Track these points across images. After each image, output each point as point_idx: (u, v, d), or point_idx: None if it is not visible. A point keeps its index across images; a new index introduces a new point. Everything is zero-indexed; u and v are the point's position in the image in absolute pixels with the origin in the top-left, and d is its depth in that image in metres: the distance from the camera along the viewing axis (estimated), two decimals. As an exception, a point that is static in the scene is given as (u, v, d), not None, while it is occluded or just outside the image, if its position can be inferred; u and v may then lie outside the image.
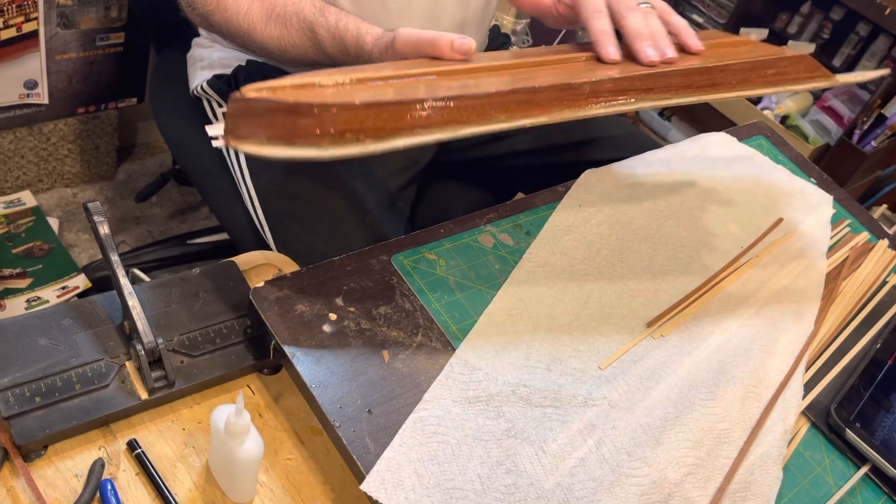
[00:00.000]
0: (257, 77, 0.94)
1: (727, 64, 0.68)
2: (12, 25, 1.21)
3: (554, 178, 0.87)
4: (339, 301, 0.65)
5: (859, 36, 2.15)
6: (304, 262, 0.70)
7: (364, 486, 0.54)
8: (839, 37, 2.19)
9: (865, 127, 2.05)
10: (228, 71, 0.96)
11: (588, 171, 0.86)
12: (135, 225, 1.61)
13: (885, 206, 2.18)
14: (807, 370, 0.75)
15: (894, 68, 1.94)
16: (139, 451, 0.56)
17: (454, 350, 0.64)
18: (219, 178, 0.96)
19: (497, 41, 1.11)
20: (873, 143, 2.04)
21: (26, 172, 1.52)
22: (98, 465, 0.54)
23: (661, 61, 0.67)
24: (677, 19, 0.73)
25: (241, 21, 0.78)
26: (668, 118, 2.41)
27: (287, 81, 0.56)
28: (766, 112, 2.12)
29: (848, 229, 0.94)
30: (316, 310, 0.64)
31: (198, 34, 1.01)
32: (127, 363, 0.60)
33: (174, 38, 1.09)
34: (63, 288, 1.37)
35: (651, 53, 0.68)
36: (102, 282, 1.40)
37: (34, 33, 1.25)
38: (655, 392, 0.66)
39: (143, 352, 0.58)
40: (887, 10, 1.93)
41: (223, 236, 1.50)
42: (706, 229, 0.84)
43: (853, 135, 2.05)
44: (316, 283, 0.66)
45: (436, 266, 0.71)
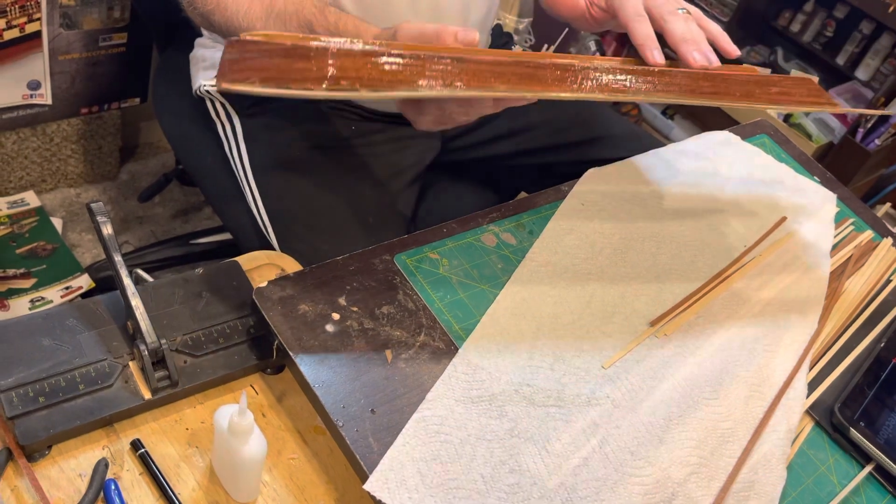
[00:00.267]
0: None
1: (733, 75, 0.68)
2: (15, 26, 1.21)
3: (557, 177, 0.87)
4: (342, 301, 0.65)
5: (863, 34, 2.15)
6: (307, 262, 0.70)
7: (367, 486, 0.54)
8: (843, 35, 2.18)
9: (869, 125, 2.05)
10: (231, 71, 0.96)
11: (591, 171, 0.85)
12: (138, 225, 1.61)
13: (888, 205, 2.18)
14: (810, 369, 0.74)
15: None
16: (143, 450, 0.56)
17: (457, 349, 0.64)
18: (222, 178, 0.96)
19: (499, 40, 1.11)
20: (877, 142, 2.04)
21: (30, 173, 1.52)
22: (102, 465, 0.54)
23: (706, 67, 0.67)
24: (712, 25, 0.73)
25: (241, 20, 0.78)
26: (671, 117, 2.41)
27: (286, 34, 0.55)
28: (769, 111, 2.12)
29: (852, 228, 0.94)
30: (319, 309, 0.64)
31: (200, 34, 1.01)
32: (130, 363, 0.60)
33: (177, 39, 1.09)
34: (67, 288, 1.37)
35: (698, 57, 0.68)
36: (106, 282, 1.40)
37: (37, 34, 1.25)
38: (659, 391, 0.66)
39: (146, 352, 0.58)
40: (891, 8, 1.92)
41: (226, 236, 1.50)
42: (709, 228, 0.84)
43: (857, 133, 2.05)
44: (319, 282, 0.66)
45: (439, 265, 0.71)
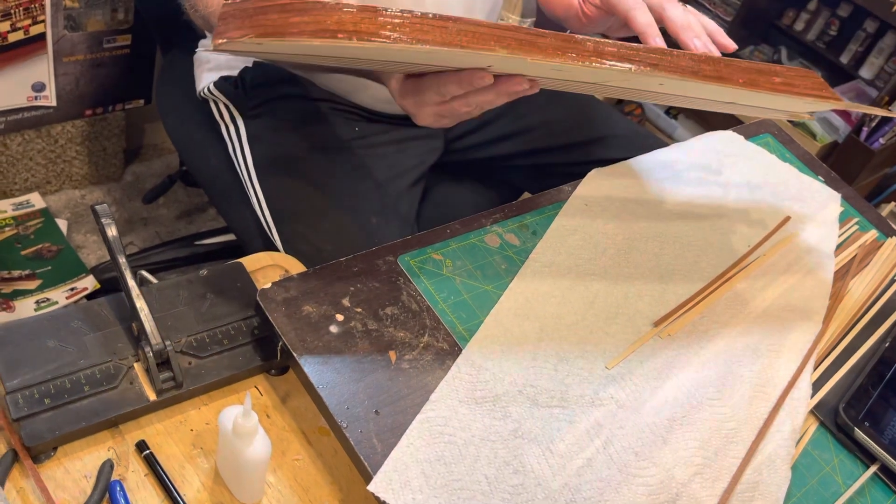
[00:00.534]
0: (263, 79, 0.95)
1: (736, 61, 0.68)
2: (20, 28, 1.21)
3: (560, 177, 0.87)
4: (345, 302, 0.65)
5: (867, 32, 2.14)
6: (311, 263, 0.70)
7: (371, 487, 0.54)
8: (846, 33, 2.18)
9: (873, 124, 2.04)
10: (235, 72, 0.96)
11: (594, 171, 0.85)
12: (142, 226, 1.61)
13: (893, 204, 2.17)
14: (815, 369, 0.74)
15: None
16: (148, 452, 0.56)
17: (461, 350, 0.64)
18: (226, 179, 0.97)
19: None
20: (881, 141, 2.03)
21: (35, 174, 1.52)
22: (107, 466, 0.55)
23: (706, 56, 0.68)
24: (708, 20, 0.74)
25: None
26: (674, 116, 2.40)
27: None
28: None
29: (856, 227, 0.94)
30: (323, 311, 0.64)
31: (203, 36, 1.02)
32: (135, 364, 0.60)
33: (180, 40, 1.10)
34: (72, 289, 1.37)
35: (699, 44, 0.68)
36: (111, 282, 1.40)
37: (41, 36, 1.25)
38: (663, 392, 0.66)
39: (151, 353, 0.58)
40: (894, 7, 1.92)
41: (230, 237, 1.50)
42: (713, 228, 0.84)
43: (861, 132, 2.05)
44: (323, 284, 0.66)
45: (442, 266, 0.71)
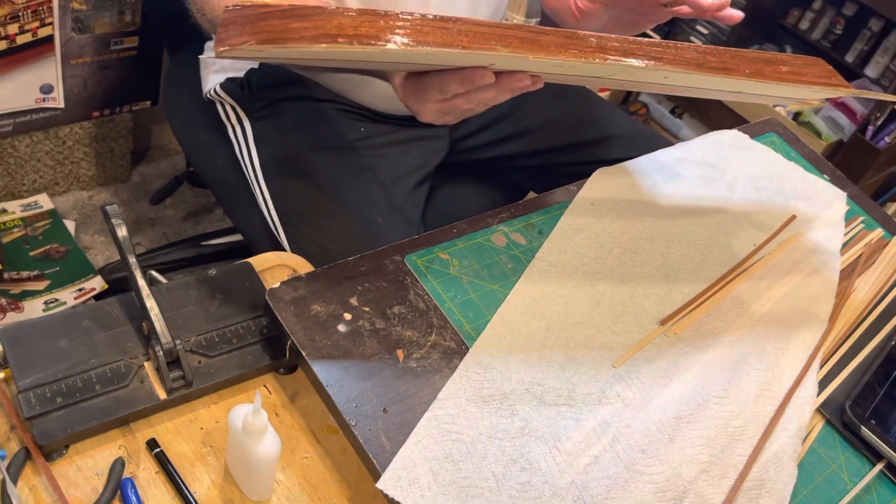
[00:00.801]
0: (269, 80, 0.95)
1: (741, 51, 0.67)
2: (28, 31, 1.22)
3: (566, 177, 0.87)
4: (353, 301, 0.66)
5: (872, 31, 2.14)
6: (318, 263, 0.71)
7: (380, 484, 0.54)
8: (852, 32, 2.17)
9: (879, 123, 2.04)
10: (241, 74, 0.97)
11: (600, 170, 0.86)
12: (149, 227, 1.62)
13: (899, 202, 2.17)
14: (821, 367, 0.74)
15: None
16: (158, 450, 0.57)
17: (468, 349, 0.65)
18: (232, 180, 0.97)
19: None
20: (887, 139, 2.03)
21: (43, 176, 1.53)
22: (118, 464, 0.55)
23: (720, 5, 0.68)
24: None
25: None
26: (679, 116, 2.40)
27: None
28: (778, 109, 2.11)
29: (862, 226, 0.94)
30: (331, 310, 0.64)
31: (210, 38, 1.02)
32: (146, 364, 0.61)
33: (187, 42, 1.10)
34: (80, 290, 1.38)
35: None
36: (119, 283, 1.41)
37: (49, 38, 1.26)
38: (669, 390, 0.66)
39: (161, 352, 0.59)
40: (900, 5, 1.91)
41: (237, 237, 1.51)
42: (719, 227, 0.84)
43: (866, 131, 2.04)
44: (331, 283, 0.66)
45: (449, 266, 0.71)
